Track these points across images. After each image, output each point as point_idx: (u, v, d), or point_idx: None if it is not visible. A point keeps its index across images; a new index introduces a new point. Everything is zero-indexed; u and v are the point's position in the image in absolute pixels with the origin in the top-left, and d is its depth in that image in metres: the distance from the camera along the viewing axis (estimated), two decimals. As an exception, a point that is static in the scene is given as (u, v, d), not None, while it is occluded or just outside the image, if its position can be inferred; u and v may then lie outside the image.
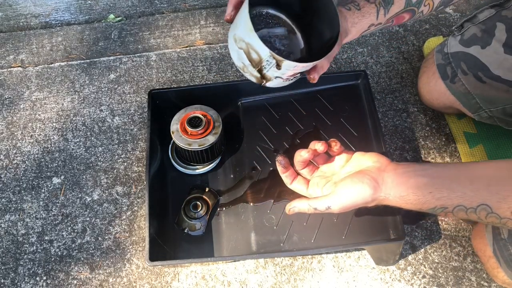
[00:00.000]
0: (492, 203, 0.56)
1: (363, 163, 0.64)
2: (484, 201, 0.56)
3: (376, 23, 0.71)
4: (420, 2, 0.72)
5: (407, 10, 0.73)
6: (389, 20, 0.72)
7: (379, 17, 0.71)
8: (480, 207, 0.57)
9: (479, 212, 0.57)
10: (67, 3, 1.33)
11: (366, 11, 0.69)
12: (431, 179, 0.59)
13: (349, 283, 0.86)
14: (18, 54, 1.22)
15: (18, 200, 0.99)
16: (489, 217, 0.57)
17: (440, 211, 0.60)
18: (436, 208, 0.59)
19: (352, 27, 0.69)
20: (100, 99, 1.12)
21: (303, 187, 0.69)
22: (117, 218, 0.95)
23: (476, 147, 0.97)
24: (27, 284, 0.89)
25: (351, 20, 0.69)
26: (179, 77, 1.14)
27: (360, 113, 0.91)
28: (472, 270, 0.86)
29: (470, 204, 0.57)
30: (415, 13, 0.74)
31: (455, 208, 0.58)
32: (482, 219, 0.57)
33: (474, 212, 0.57)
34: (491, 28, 0.84)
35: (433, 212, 0.61)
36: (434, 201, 0.59)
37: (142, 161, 1.02)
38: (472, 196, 0.57)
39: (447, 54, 0.92)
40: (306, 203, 0.64)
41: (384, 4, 0.70)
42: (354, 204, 0.62)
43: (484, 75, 0.85)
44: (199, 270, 0.88)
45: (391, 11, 0.71)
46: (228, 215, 0.85)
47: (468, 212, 0.58)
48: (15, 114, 1.11)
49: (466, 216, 0.58)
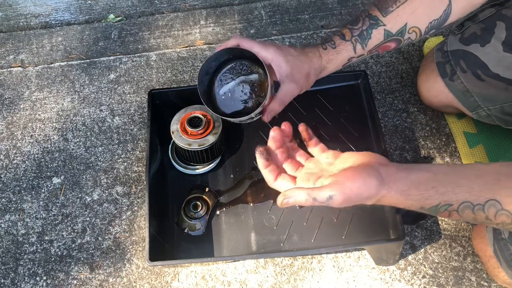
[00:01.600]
0: (502, 198, 0.51)
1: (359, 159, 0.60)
2: (493, 196, 0.51)
3: (357, 55, 0.76)
4: (402, 31, 0.73)
5: (389, 40, 0.74)
6: (371, 51, 0.76)
7: (357, 50, 0.75)
8: (488, 203, 0.52)
9: (487, 209, 0.52)
10: (67, 3, 1.33)
11: (342, 49, 0.75)
12: (435, 174, 0.56)
13: (349, 283, 0.86)
14: (18, 54, 1.22)
15: (18, 200, 0.99)
16: (499, 216, 0.52)
17: (444, 209, 0.55)
18: (440, 206, 0.54)
19: (328, 63, 0.75)
20: (100, 99, 1.12)
21: (289, 184, 0.61)
22: (117, 218, 0.95)
23: (476, 147, 0.97)
24: (27, 284, 0.89)
25: (326, 58, 0.75)
26: (179, 77, 1.14)
27: (360, 113, 0.91)
28: (472, 270, 0.86)
29: (477, 199, 0.52)
30: (401, 42, 0.75)
31: (460, 205, 0.53)
32: (491, 218, 0.52)
33: (482, 209, 0.52)
34: (491, 27, 0.84)
35: (436, 213, 0.56)
36: (437, 197, 0.54)
37: (142, 161, 1.02)
38: (480, 191, 0.52)
39: (447, 52, 0.92)
40: (304, 193, 0.56)
41: (360, 40, 0.74)
42: (358, 196, 0.55)
43: (483, 73, 0.85)
44: (199, 270, 0.88)
45: (370, 44, 0.74)
46: (228, 215, 0.85)
47: (475, 210, 0.53)
48: (15, 114, 1.11)
49: (473, 216, 0.53)
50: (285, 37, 1.19)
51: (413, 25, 0.73)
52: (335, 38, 0.75)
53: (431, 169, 0.56)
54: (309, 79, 0.74)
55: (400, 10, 0.72)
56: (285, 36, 1.19)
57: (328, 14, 1.23)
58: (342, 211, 0.82)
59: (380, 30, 0.73)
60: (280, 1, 1.27)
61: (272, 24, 1.23)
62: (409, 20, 0.72)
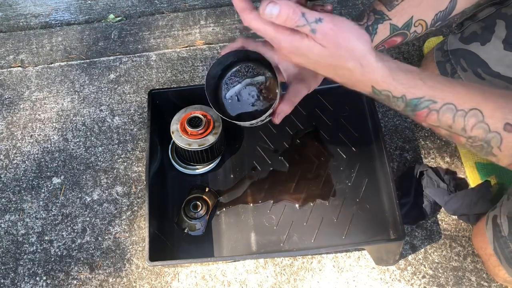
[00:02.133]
0: (486, 110, 0.49)
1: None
2: (478, 106, 0.50)
3: None
4: (408, 25, 0.72)
5: (395, 35, 0.73)
6: (377, 46, 0.74)
7: None
8: (471, 112, 0.50)
9: (469, 118, 0.50)
10: (67, 3, 1.33)
11: None
12: (424, 72, 0.53)
13: (349, 283, 0.85)
14: (18, 54, 1.22)
15: (18, 200, 0.99)
16: (476, 128, 0.50)
17: (425, 105, 0.51)
18: (424, 99, 0.51)
19: None
20: (100, 99, 1.12)
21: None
22: (117, 218, 0.95)
23: (476, 146, 0.97)
24: (27, 284, 0.89)
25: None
26: (179, 77, 1.14)
27: (360, 113, 0.91)
28: (472, 270, 0.86)
29: (462, 105, 0.50)
30: (407, 35, 0.74)
31: (444, 105, 0.50)
32: (467, 129, 0.50)
33: (463, 116, 0.50)
34: (491, 25, 0.84)
35: (414, 109, 0.52)
36: (424, 89, 0.51)
37: (142, 161, 1.01)
38: (465, 97, 0.50)
39: (447, 51, 0.92)
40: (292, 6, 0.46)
41: None
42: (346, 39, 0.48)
43: (484, 72, 0.85)
44: (199, 270, 0.88)
45: (376, 40, 0.72)
46: (228, 215, 0.85)
47: (456, 115, 0.50)
48: (15, 114, 1.11)
49: (451, 123, 0.51)
50: (285, 37, 1.19)
51: (419, 18, 0.71)
52: None
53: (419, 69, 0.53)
54: (317, 78, 0.72)
55: (405, 3, 0.70)
56: (285, 36, 1.19)
57: (328, 14, 1.23)
58: (342, 211, 0.82)
59: (386, 24, 0.71)
60: (280, 1, 1.27)
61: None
62: (415, 13, 0.71)
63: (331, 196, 0.84)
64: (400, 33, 0.73)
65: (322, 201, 0.84)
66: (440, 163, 0.97)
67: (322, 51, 0.49)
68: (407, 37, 0.74)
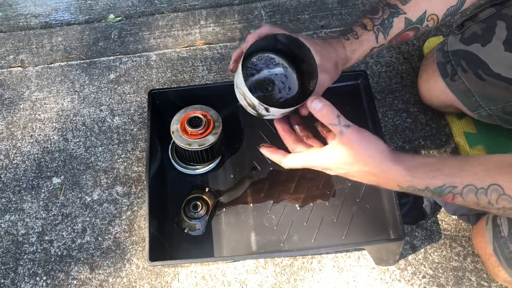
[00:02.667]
0: (504, 183, 0.53)
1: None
2: (496, 181, 0.53)
3: (378, 45, 0.74)
4: (422, 19, 0.73)
5: (409, 29, 0.74)
6: (392, 40, 0.75)
7: (379, 40, 0.73)
8: (491, 188, 0.53)
9: (490, 193, 0.53)
10: (67, 3, 1.33)
11: (365, 39, 0.73)
12: (440, 159, 0.58)
13: (349, 283, 0.86)
14: (18, 54, 1.22)
15: (18, 200, 0.99)
16: (501, 200, 0.53)
17: (448, 190, 0.55)
18: (445, 187, 0.55)
19: (352, 54, 0.73)
20: (100, 99, 1.12)
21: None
22: (117, 218, 0.95)
23: (476, 147, 0.97)
24: (27, 284, 0.89)
25: (349, 48, 0.72)
26: (179, 77, 1.14)
27: (360, 113, 0.91)
28: (472, 270, 0.86)
29: (481, 183, 0.54)
30: (419, 30, 0.75)
31: (465, 187, 0.54)
32: (493, 203, 0.54)
33: (484, 193, 0.54)
34: (492, 26, 0.84)
35: (440, 195, 0.56)
36: (442, 177, 0.55)
37: (142, 161, 1.01)
38: (483, 176, 0.54)
39: (447, 52, 0.91)
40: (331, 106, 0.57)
41: (382, 29, 0.73)
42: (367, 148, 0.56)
43: (484, 73, 0.85)
44: (199, 270, 0.88)
45: (391, 33, 0.73)
46: (228, 215, 0.85)
47: (478, 194, 0.54)
48: (15, 114, 1.11)
49: (476, 200, 0.55)
50: (285, 37, 1.19)
51: (432, 12, 0.73)
52: (357, 29, 0.73)
53: (435, 156, 0.59)
54: (337, 69, 0.72)
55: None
56: (285, 36, 1.19)
57: (328, 14, 1.23)
58: (342, 211, 0.82)
59: (401, 18, 0.72)
60: (280, 1, 1.27)
61: (272, 24, 1.23)
62: (428, 7, 0.72)
63: (331, 196, 0.84)
64: (413, 27, 0.74)
65: (322, 201, 0.84)
66: (440, 163, 0.97)
67: (347, 159, 0.57)
68: (419, 31, 0.75)
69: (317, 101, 0.57)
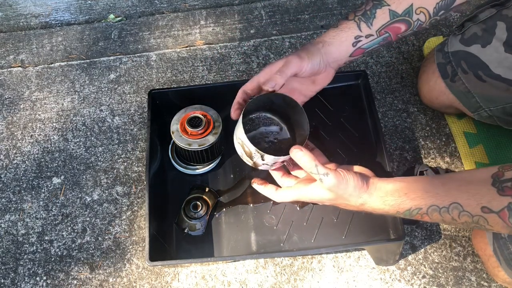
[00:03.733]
0: (462, 200, 0.58)
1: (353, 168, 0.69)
2: (455, 200, 0.59)
3: (365, 34, 0.74)
4: (409, 12, 0.73)
5: (397, 21, 0.74)
6: (381, 31, 0.75)
7: (363, 29, 0.74)
8: (452, 206, 0.59)
9: (451, 211, 0.59)
10: (67, 3, 1.33)
11: (345, 27, 0.74)
12: (408, 183, 0.64)
13: (349, 283, 0.86)
14: (18, 54, 1.22)
15: (18, 200, 0.99)
16: (462, 216, 0.58)
17: (416, 212, 0.62)
18: (412, 210, 0.62)
19: (331, 39, 0.74)
20: (100, 99, 1.12)
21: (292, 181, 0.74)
22: (117, 218, 0.95)
23: (476, 147, 0.97)
24: (27, 284, 0.89)
25: (327, 35, 0.74)
26: (179, 77, 1.14)
27: (360, 113, 0.91)
28: (472, 270, 0.86)
29: (442, 203, 0.60)
30: (410, 23, 0.75)
31: (429, 208, 0.61)
32: (456, 219, 0.59)
33: (447, 211, 0.59)
34: (492, 27, 0.84)
35: (410, 216, 0.63)
36: (409, 202, 0.62)
37: (142, 161, 1.02)
38: (444, 196, 0.60)
39: (448, 53, 0.91)
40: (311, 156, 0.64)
41: (364, 19, 0.74)
42: (345, 189, 0.64)
43: (484, 74, 0.85)
44: (199, 270, 0.88)
45: (376, 23, 0.74)
46: (228, 215, 0.85)
47: (441, 212, 0.60)
48: (15, 114, 1.11)
49: (441, 218, 0.60)
50: (285, 37, 1.19)
51: (420, 5, 0.73)
52: (339, 21, 0.76)
53: (404, 180, 0.65)
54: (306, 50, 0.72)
55: None
56: (285, 36, 1.19)
57: (328, 14, 1.23)
58: (343, 211, 0.82)
59: (384, 10, 0.73)
60: (280, 1, 1.27)
61: (272, 24, 1.23)
62: (415, 0, 0.72)
63: (331, 196, 0.84)
64: (402, 20, 0.74)
65: (322, 201, 0.84)
66: (440, 163, 0.98)
67: (330, 196, 0.66)
68: (411, 26, 0.75)
69: (297, 151, 0.65)
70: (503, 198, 0.55)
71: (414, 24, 0.75)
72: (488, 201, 0.56)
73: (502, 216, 0.55)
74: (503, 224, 0.56)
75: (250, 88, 0.73)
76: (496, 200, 0.55)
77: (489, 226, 0.58)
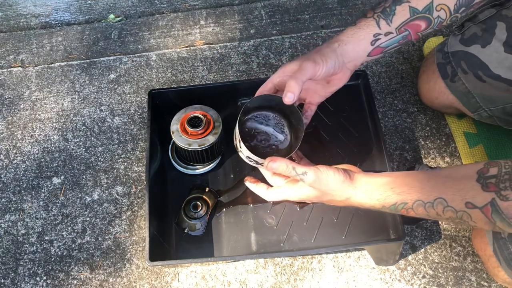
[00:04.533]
0: (447, 196, 0.58)
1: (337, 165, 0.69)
2: (440, 195, 0.59)
3: (384, 32, 0.72)
4: (429, 8, 0.71)
5: (417, 18, 0.72)
6: (400, 29, 0.73)
7: (382, 26, 0.72)
8: (437, 201, 0.59)
9: (436, 206, 0.59)
10: (67, 3, 1.33)
11: (363, 24, 0.72)
12: (394, 178, 0.64)
13: (349, 283, 0.86)
14: (18, 54, 1.22)
15: (18, 200, 0.99)
16: (446, 211, 0.59)
17: (401, 207, 0.62)
18: (397, 204, 0.62)
19: (349, 37, 0.72)
20: (100, 99, 1.12)
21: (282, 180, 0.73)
22: (117, 218, 0.95)
23: (476, 147, 0.97)
24: (27, 284, 0.89)
25: (345, 34, 0.73)
26: (179, 77, 1.14)
27: (360, 113, 0.91)
28: (472, 270, 0.86)
29: (428, 198, 0.60)
30: (431, 21, 0.73)
31: (414, 203, 0.61)
32: (440, 214, 0.60)
33: (432, 206, 0.60)
34: (492, 27, 0.84)
35: (395, 211, 0.63)
36: (394, 196, 0.62)
37: (142, 161, 1.02)
38: (429, 191, 0.60)
39: (447, 53, 0.91)
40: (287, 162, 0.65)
41: (384, 16, 0.72)
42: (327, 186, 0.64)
43: (484, 74, 0.85)
44: (199, 270, 0.88)
45: (396, 20, 0.72)
46: (228, 215, 0.85)
47: (426, 207, 0.60)
48: (15, 114, 1.11)
49: (426, 213, 0.60)
50: (285, 37, 1.19)
51: (440, 2, 0.71)
52: (357, 19, 0.74)
53: (391, 175, 0.65)
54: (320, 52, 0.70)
55: None
56: (285, 36, 1.19)
57: (328, 14, 1.23)
58: (342, 211, 0.82)
59: (404, 6, 0.71)
60: (280, 1, 1.27)
61: (272, 24, 1.23)
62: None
63: (331, 196, 0.84)
64: (422, 17, 0.72)
65: (322, 201, 0.84)
66: (440, 163, 0.98)
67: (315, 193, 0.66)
68: (432, 23, 0.73)
69: (271, 163, 0.66)
70: (486, 194, 0.56)
71: (435, 22, 0.73)
72: (472, 197, 0.57)
73: (485, 211, 0.56)
74: (485, 220, 0.57)
75: (267, 90, 0.72)
76: (480, 196, 0.56)
77: (472, 222, 0.58)
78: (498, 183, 0.55)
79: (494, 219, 0.56)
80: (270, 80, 0.72)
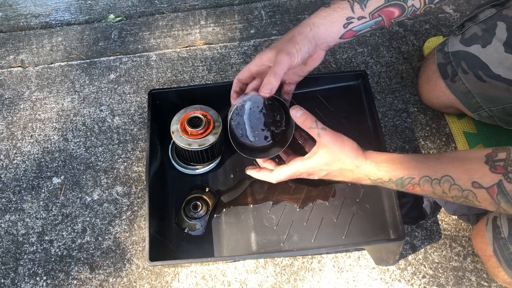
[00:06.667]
0: (455, 174, 0.60)
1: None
2: (448, 173, 0.60)
3: (357, 16, 0.73)
4: None
5: (391, 4, 0.73)
6: (374, 15, 0.73)
7: (356, 10, 0.73)
8: (444, 178, 0.60)
9: (443, 183, 0.60)
10: (67, 3, 1.33)
11: (337, 6, 0.74)
12: (402, 156, 0.66)
13: (349, 283, 0.86)
14: (18, 54, 1.22)
15: (18, 200, 0.99)
16: (452, 190, 0.60)
17: (408, 181, 0.63)
18: (404, 178, 0.63)
19: (322, 19, 0.73)
20: (100, 99, 1.12)
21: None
22: (117, 218, 0.95)
23: (476, 147, 0.97)
24: (27, 284, 0.89)
25: (318, 15, 0.73)
26: (179, 77, 1.14)
27: (360, 113, 0.91)
28: (472, 270, 0.86)
29: (435, 175, 0.61)
30: (404, 8, 0.74)
31: (421, 178, 0.62)
32: (446, 192, 0.61)
33: (438, 183, 0.61)
34: (492, 27, 0.84)
35: (402, 185, 0.64)
36: (402, 170, 0.63)
37: (142, 161, 1.02)
38: (437, 168, 0.61)
39: (448, 53, 0.91)
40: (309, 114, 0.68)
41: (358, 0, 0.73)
42: (342, 146, 0.66)
43: (485, 74, 0.85)
44: (199, 270, 0.88)
45: (370, 5, 0.73)
46: (228, 215, 0.85)
47: (433, 184, 0.61)
48: (15, 114, 1.11)
49: (432, 190, 0.62)
50: (285, 37, 1.19)
51: None
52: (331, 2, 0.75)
53: (398, 154, 0.67)
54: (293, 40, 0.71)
55: None
56: (285, 36, 1.19)
57: (328, 14, 1.23)
58: (342, 211, 0.82)
59: None
60: (280, 1, 1.27)
61: (272, 24, 1.23)
62: None
63: (331, 196, 0.84)
64: (396, 4, 0.73)
65: (322, 201, 0.84)
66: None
67: (326, 159, 0.67)
68: (405, 11, 0.74)
69: (297, 109, 0.69)
70: (494, 175, 0.57)
71: (408, 10, 0.74)
72: (479, 177, 0.57)
73: (491, 192, 0.57)
74: (490, 200, 0.57)
75: (244, 77, 0.76)
76: (487, 177, 0.57)
77: (477, 201, 0.59)
78: (506, 166, 0.56)
79: (499, 201, 0.57)
80: (247, 68, 0.75)
